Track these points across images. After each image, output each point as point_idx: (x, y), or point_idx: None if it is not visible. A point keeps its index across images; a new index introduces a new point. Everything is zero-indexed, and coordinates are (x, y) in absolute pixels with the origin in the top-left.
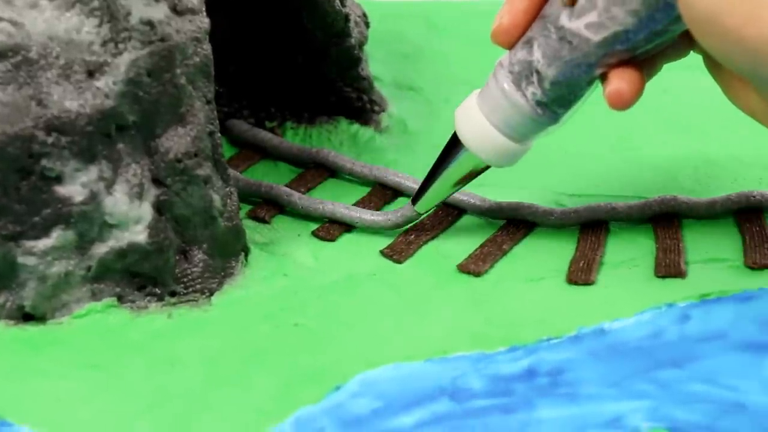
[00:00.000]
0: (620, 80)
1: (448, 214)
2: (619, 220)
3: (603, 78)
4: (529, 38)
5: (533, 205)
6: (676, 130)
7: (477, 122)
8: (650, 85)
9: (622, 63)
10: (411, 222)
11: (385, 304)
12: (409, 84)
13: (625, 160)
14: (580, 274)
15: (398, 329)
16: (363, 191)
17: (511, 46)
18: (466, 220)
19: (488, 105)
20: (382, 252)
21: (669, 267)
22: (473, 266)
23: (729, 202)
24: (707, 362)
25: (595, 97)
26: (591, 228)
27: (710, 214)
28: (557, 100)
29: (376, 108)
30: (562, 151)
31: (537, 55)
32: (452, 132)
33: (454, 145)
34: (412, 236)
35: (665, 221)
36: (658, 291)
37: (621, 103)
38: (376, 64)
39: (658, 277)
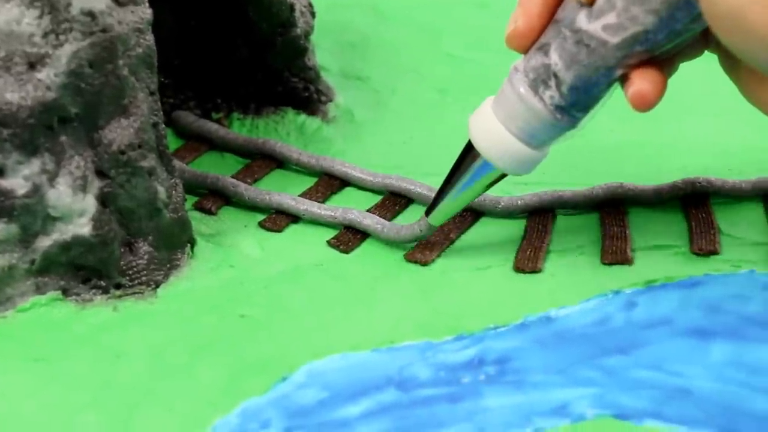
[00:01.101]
0: (642, 81)
1: (395, 204)
2: (566, 208)
3: (623, 79)
4: (545, 41)
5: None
6: (623, 118)
7: (493, 129)
8: None
9: (643, 63)
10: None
11: (331, 294)
12: (356, 74)
13: (572, 148)
14: (527, 262)
15: (345, 319)
16: (310, 181)
17: (526, 50)
18: (413, 209)
19: (504, 111)
20: (328, 242)
21: (615, 254)
22: (420, 256)
23: (675, 189)
24: (653, 348)
25: None
26: (538, 216)
27: (657, 201)
28: (576, 104)
29: (323, 98)
30: None
31: (554, 58)
32: (466, 140)
33: (468, 154)
34: None
35: (612, 208)
36: (604, 278)
37: (644, 105)
38: (323, 53)
39: (605, 264)
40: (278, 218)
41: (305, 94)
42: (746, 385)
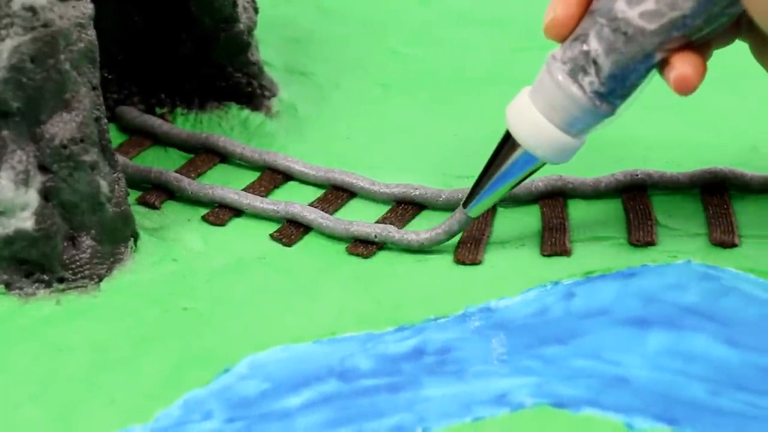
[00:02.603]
0: (684, 64)
1: (338, 197)
2: (506, 201)
3: (661, 65)
4: (583, 29)
5: (422, 187)
6: None
7: (532, 119)
8: (540, 66)
9: (681, 48)
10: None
11: (274, 287)
12: (300, 69)
13: None
14: (468, 254)
15: (287, 311)
16: (253, 176)
17: (563, 39)
18: (355, 202)
19: (543, 100)
20: (271, 236)
21: (555, 246)
22: (362, 248)
23: (614, 180)
24: (591, 338)
25: (489, 80)
26: None
27: (596, 193)
28: (615, 91)
29: (267, 93)
30: (451, 133)
31: (593, 45)
32: (504, 131)
33: (506, 144)
34: None
35: (551, 201)
36: (543, 269)
37: (687, 88)
38: (267, 49)
39: (544, 256)
40: (221, 212)
41: (249, 90)
42: (682, 373)
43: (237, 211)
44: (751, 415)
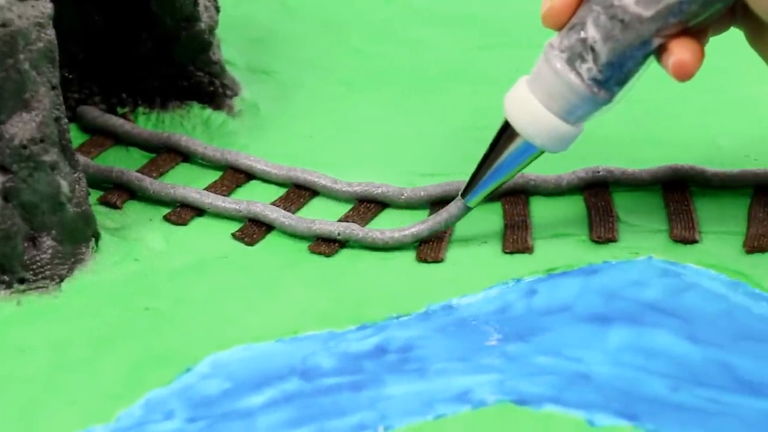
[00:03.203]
0: (682, 50)
1: (300, 196)
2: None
3: (659, 51)
4: (580, 17)
5: (384, 185)
6: None
7: (530, 107)
8: (503, 63)
9: (679, 34)
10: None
11: (236, 286)
12: (262, 68)
13: (475, 140)
14: (430, 252)
15: (249, 310)
16: (215, 175)
17: (561, 27)
18: (317, 201)
19: (541, 89)
20: (233, 235)
21: (516, 243)
22: (324, 247)
23: (576, 178)
24: (553, 335)
25: (451, 78)
26: (440, 207)
27: (558, 190)
28: (613, 77)
29: (229, 92)
30: (414, 131)
31: (591, 32)
32: (503, 120)
33: (504, 133)
34: None
35: (513, 198)
36: (505, 267)
37: (685, 74)
38: (229, 48)
39: (506, 253)
40: (183, 212)
41: (210, 89)
42: (643, 369)
43: (199, 211)
44: (711, 411)
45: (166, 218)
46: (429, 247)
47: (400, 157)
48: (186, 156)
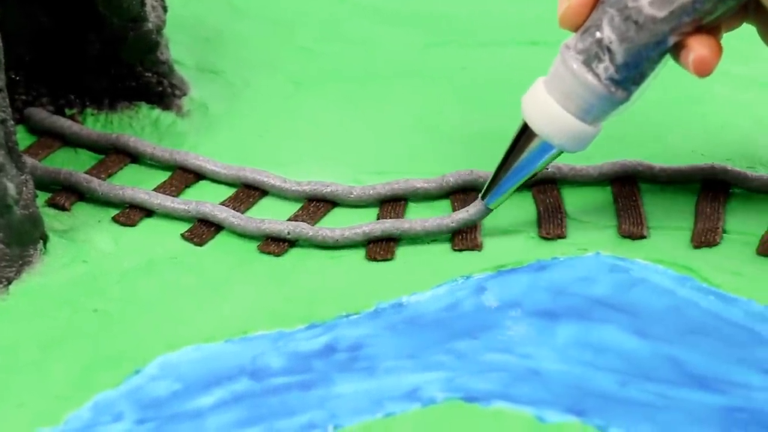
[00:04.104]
0: (701, 47)
1: (249, 196)
2: (418, 197)
3: (676, 49)
4: (596, 18)
5: (333, 184)
6: (474, 107)
7: (548, 108)
8: (452, 61)
9: (694, 32)
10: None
11: (185, 286)
12: (210, 67)
13: (425, 138)
14: (380, 250)
15: (199, 311)
16: (164, 176)
17: (577, 28)
18: (267, 200)
19: (558, 89)
20: (182, 236)
21: (465, 241)
22: (274, 246)
23: None
24: (502, 331)
25: (400, 75)
26: (390, 205)
27: None
28: (630, 77)
29: (177, 92)
30: (363, 129)
31: (606, 32)
32: (521, 121)
33: (523, 135)
34: None
35: (462, 195)
36: (455, 264)
37: (706, 70)
38: (178, 48)
39: (456, 250)
40: (132, 213)
41: (159, 89)
42: (591, 365)
43: (148, 212)
44: (659, 405)
45: (115, 219)
46: (379, 246)
47: (350, 156)
48: (135, 157)
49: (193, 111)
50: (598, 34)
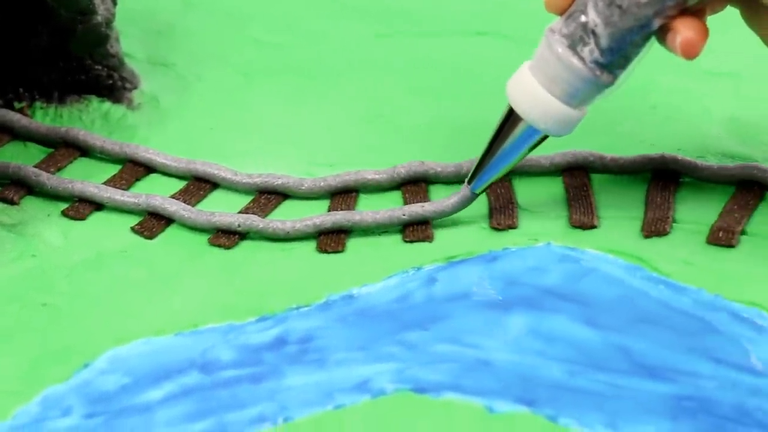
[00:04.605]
0: (687, 29)
1: (200, 189)
2: (369, 188)
3: (662, 33)
4: (581, 2)
5: (284, 176)
6: (425, 98)
7: (532, 92)
8: (402, 52)
9: (679, 14)
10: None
11: (135, 280)
12: (162, 60)
13: (376, 129)
14: (330, 242)
15: (148, 305)
16: (115, 169)
17: (563, 12)
18: (218, 193)
19: (543, 74)
20: (132, 229)
21: (417, 232)
22: (224, 239)
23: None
24: (452, 322)
25: (351, 67)
26: (341, 197)
27: (458, 177)
28: (615, 60)
29: (128, 85)
30: (314, 121)
31: (591, 16)
32: (507, 106)
33: (509, 119)
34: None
35: (414, 187)
36: (406, 255)
37: (694, 52)
38: (129, 41)
39: (407, 242)
40: (81, 206)
41: (109, 82)
42: (542, 355)
43: (97, 205)
44: (609, 395)
45: (64, 213)
46: (329, 238)
47: (301, 148)
48: (85, 150)
49: (144, 104)
50: (582, 18)
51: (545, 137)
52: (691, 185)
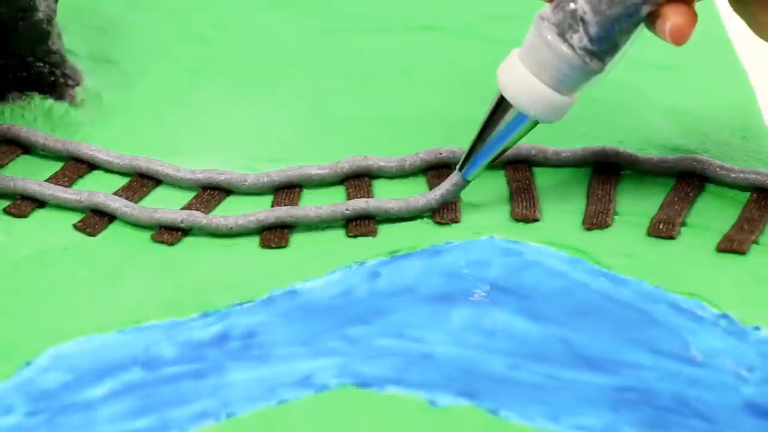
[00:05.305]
0: (676, 15)
1: (143, 185)
2: (312, 183)
3: (651, 18)
4: None
5: (227, 172)
6: (368, 93)
7: (523, 79)
8: (346, 48)
9: (667, 1)
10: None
11: (77, 277)
12: (105, 57)
13: (319, 124)
14: (273, 237)
15: (91, 302)
16: (57, 166)
17: (552, 0)
18: (161, 190)
19: (533, 60)
20: (75, 226)
21: (360, 227)
22: (167, 235)
23: (418, 160)
24: (395, 316)
25: (295, 63)
26: (284, 192)
27: (401, 172)
28: (604, 47)
29: (70, 82)
30: (258, 117)
31: (580, 3)
32: (498, 94)
33: (499, 107)
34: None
35: (357, 181)
36: (349, 250)
37: (683, 38)
38: (71, 37)
39: (350, 237)
40: (23, 204)
41: (51, 79)
42: (484, 348)
43: (40, 203)
44: (550, 387)
45: (6, 211)
46: (273, 233)
47: (244, 144)
48: (27, 148)
49: (87, 101)
50: (572, 5)
51: (535, 124)
52: (632, 177)
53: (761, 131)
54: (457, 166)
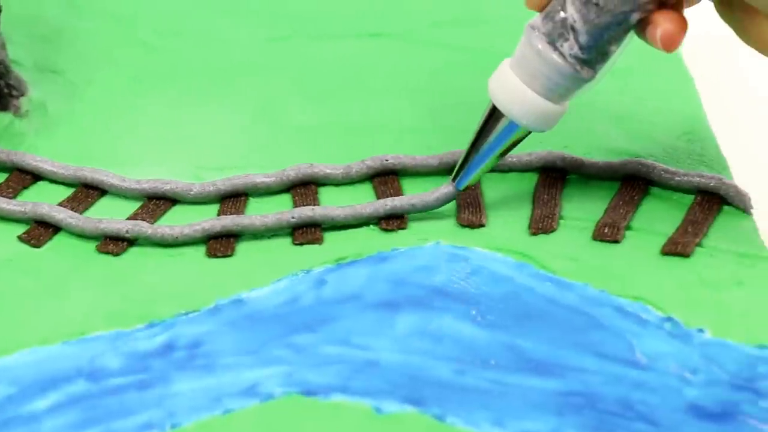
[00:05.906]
0: (667, 22)
1: (88, 196)
2: (259, 191)
3: (641, 25)
4: (559, 1)
5: (173, 181)
6: (315, 100)
7: (514, 88)
8: (293, 55)
9: (658, 8)
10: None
11: (21, 289)
12: (50, 66)
13: (266, 132)
14: (219, 247)
15: (35, 314)
16: (1, 177)
17: (542, 9)
18: (106, 200)
19: (524, 70)
20: (19, 238)
21: (306, 234)
22: (112, 246)
23: (364, 167)
24: (341, 324)
25: (243, 70)
26: (230, 201)
27: (347, 179)
28: (594, 55)
29: (15, 92)
30: (204, 125)
31: (570, 11)
32: (489, 103)
33: (491, 117)
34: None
35: (303, 189)
36: (295, 258)
37: (674, 44)
38: (16, 48)
39: (296, 245)
40: None
41: None
42: (430, 354)
43: None
44: (496, 392)
45: None
46: (219, 243)
47: (190, 152)
48: None
49: (32, 111)
50: (562, 14)
51: (528, 133)
52: (577, 182)
53: (706, 135)
54: (450, 177)
